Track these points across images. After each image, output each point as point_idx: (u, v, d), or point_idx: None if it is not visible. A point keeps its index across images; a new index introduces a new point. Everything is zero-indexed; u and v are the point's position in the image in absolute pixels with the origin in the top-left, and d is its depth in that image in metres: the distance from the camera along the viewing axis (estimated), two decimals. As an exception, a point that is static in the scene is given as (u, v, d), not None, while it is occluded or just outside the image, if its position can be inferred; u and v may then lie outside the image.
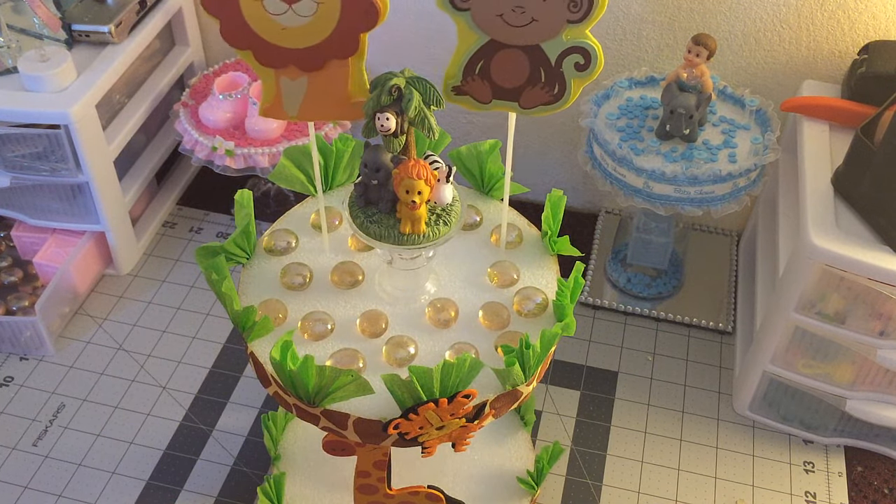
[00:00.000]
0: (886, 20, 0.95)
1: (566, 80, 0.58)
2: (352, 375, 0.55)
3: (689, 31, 1.01)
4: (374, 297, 0.66)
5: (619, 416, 0.95)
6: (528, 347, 0.59)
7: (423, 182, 0.57)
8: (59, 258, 1.05)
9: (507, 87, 0.59)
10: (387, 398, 0.58)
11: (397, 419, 0.57)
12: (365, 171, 0.59)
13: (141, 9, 1.05)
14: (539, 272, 0.69)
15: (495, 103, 0.60)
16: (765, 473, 0.90)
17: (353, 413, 0.58)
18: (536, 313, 0.65)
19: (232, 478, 0.89)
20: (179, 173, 1.23)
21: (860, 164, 0.81)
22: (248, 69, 1.13)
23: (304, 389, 0.57)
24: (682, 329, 1.05)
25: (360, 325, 0.64)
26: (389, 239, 0.60)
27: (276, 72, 0.59)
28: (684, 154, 0.92)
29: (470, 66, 0.59)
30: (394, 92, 0.56)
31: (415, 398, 0.57)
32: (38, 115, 0.95)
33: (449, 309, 0.65)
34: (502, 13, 0.56)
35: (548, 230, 0.70)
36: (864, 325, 0.81)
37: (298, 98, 0.60)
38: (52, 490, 0.88)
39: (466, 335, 0.64)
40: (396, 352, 0.62)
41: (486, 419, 0.61)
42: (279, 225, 0.72)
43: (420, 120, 0.57)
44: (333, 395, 0.57)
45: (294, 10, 0.56)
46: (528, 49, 0.57)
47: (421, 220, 0.59)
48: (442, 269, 0.68)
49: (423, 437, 0.60)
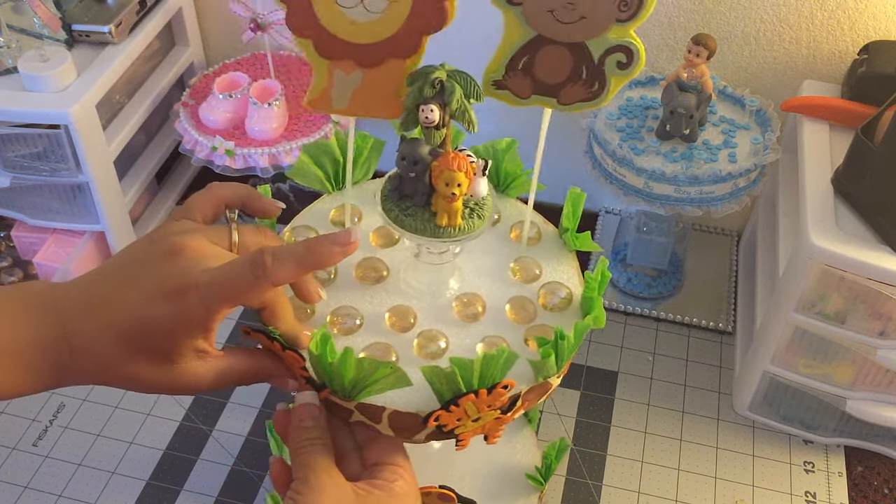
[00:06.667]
0: (886, 20, 0.95)
1: (606, 78, 0.59)
2: (391, 367, 0.55)
3: (689, 31, 1.01)
4: (399, 293, 0.66)
5: (619, 416, 0.95)
6: (563, 338, 0.59)
7: (463, 174, 0.57)
8: (59, 258, 1.05)
9: (547, 83, 0.60)
10: (421, 391, 0.58)
11: (437, 411, 0.57)
12: (403, 163, 0.58)
13: (141, 9, 1.05)
14: (560, 268, 0.69)
15: (534, 98, 0.61)
16: (765, 473, 0.90)
17: (388, 406, 0.58)
18: (562, 307, 0.66)
19: (232, 478, 0.89)
20: (179, 173, 1.23)
21: (860, 164, 0.81)
22: (249, 69, 1.13)
23: (341, 382, 0.57)
24: (682, 329, 1.05)
25: (389, 320, 0.64)
26: (426, 232, 0.59)
27: (331, 64, 0.58)
28: (684, 154, 0.92)
29: (514, 61, 0.59)
30: (437, 84, 0.56)
31: (454, 390, 0.56)
32: (38, 115, 0.95)
33: (476, 303, 0.65)
34: (553, 9, 0.56)
35: (568, 226, 0.71)
36: (864, 325, 0.81)
37: (348, 92, 0.60)
38: (52, 490, 0.88)
39: (494, 329, 0.64)
40: (428, 346, 0.62)
41: (519, 411, 0.61)
42: (298, 222, 0.72)
43: (461, 113, 0.57)
44: (370, 387, 0.57)
45: (365, 6, 0.56)
46: (572, 46, 0.58)
47: (458, 213, 0.59)
48: (464, 264, 0.68)
49: (459, 429, 0.60)
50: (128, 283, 0.54)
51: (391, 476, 0.58)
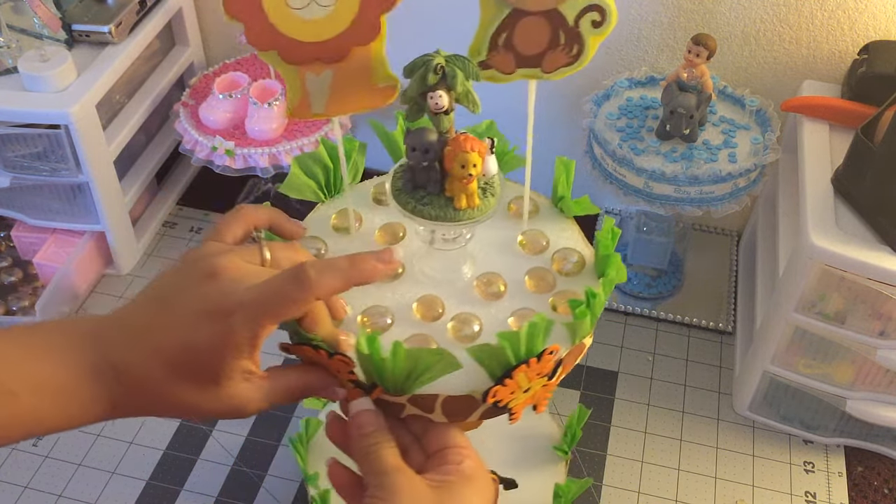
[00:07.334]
0: (886, 20, 0.95)
1: (584, 39, 0.60)
2: (440, 353, 0.56)
3: (689, 31, 1.01)
4: (418, 284, 0.67)
5: (619, 416, 0.95)
6: (594, 297, 0.61)
7: (476, 154, 0.58)
8: (59, 258, 1.05)
9: (528, 55, 0.61)
10: (469, 373, 0.58)
11: (494, 387, 0.58)
12: (414, 154, 0.59)
13: (141, 9, 1.05)
14: (564, 234, 0.70)
15: (519, 72, 0.62)
16: (765, 473, 0.90)
17: (441, 393, 0.58)
18: (576, 272, 0.67)
19: (232, 478, 0.89)
20: (179, 173, 1.23)
21: (860, 164, 0.81)
22: (249, 69, 1.13)
23: (392, 378, 0.57)
24: (682, 329, 1.05)
25: (418, 311, 0.64)
26: (446, 217, 0.60)
27: (300, 69, 0.59)
28: (684, 154, 0.92)
29: (494, 39, 0.60)
30: (439, 70, 0.56)
31: (504, 364, 0.57)
32: (38, 115, 0.95)
33: (497, 282, 0.66)
34: None
35: (563, 194, 0.71)
36: (864, 325, 0.81)
37: (324, 93, 0.60)
38: (52, 490, 0.88)
39: (521, 302, 0.65)
40: (462, 329, 0.63)
41: (561, 375, 0.63)
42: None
43: (465, 94, 0.58)
44: (422, 377, 0.57)
45: (316, 1, 0.56)
46: (547, 14, 0.59)
47: (475, 194, 0.60)
48: (473, 246, 0.69)
49: (512, 403, 0.61)
50: (168, 309, 0.54)
51: (457, 458, 0.58)
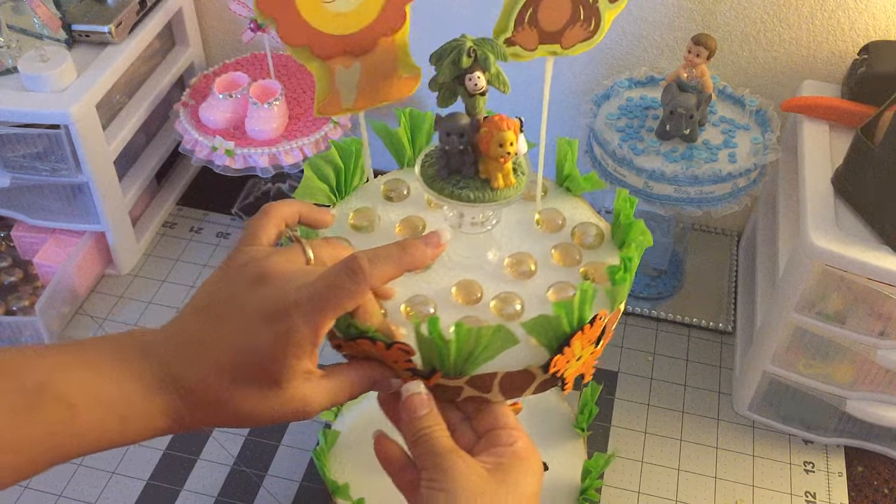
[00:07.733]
0: (886, 20, 0.95)
1: (601, 14, 0.62)
2: (499, 329, 0.56)
3: (689, 31, 1.01)
4: (450, 270, 0.67)
5: (619, 416, 0.95)
6: (631, 261, 0.62)
7: (512, 132, 0.59)
8: (59, 258, 1.05)
9: (551, 31, 0.62)
10: (523, 348, 0.59)
11: (554, 357, 0.59)
12: (450, 138, 0.60)
13: (141, 9, 1.05)
14: (577, 211, 0.71)
15: (540, 48, 0.63)
16: (765, 473, 0.90)
17: (499, 370, 0.59)
18: (598, 244, 0.69)
19: (232, 478, 0.89)
20: (179, 173, 1.23)
21: (860, 164, 0.81)
22: (249, 69, 1.13)
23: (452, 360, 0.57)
24: (682, 329, 1.05)
25: (457, 296, 0.65)
26: (485, 198, 0.61)
27: (330, 63, 0.60)
28: (684, 154, 0.93)
29: (520, 15, 0.61)
30: (472, 53, 0.57)
31: (559, 335, 0.58)
32: (38, 115, 0.95)
33: (527, 261, 0.67)
34: None
35: (570, 172, 0.72)
36: (864, 325, 0.81)
37: (353, 87, 0.61)
38: (52, 490, 0.88)
39: (555, 276, 0.66)
40: (505, 308, 0.63)
41: (605, 342, 0.64)
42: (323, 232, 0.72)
43: (496, 75, 0.59)
44: (480, 356, 0.58)
45: None
46: None
47: (510, 172, 0.61)
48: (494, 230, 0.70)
49: (567, 372, 0.61)
50: (220, 319, 0.54)
51: (509, 439, 0.58)
